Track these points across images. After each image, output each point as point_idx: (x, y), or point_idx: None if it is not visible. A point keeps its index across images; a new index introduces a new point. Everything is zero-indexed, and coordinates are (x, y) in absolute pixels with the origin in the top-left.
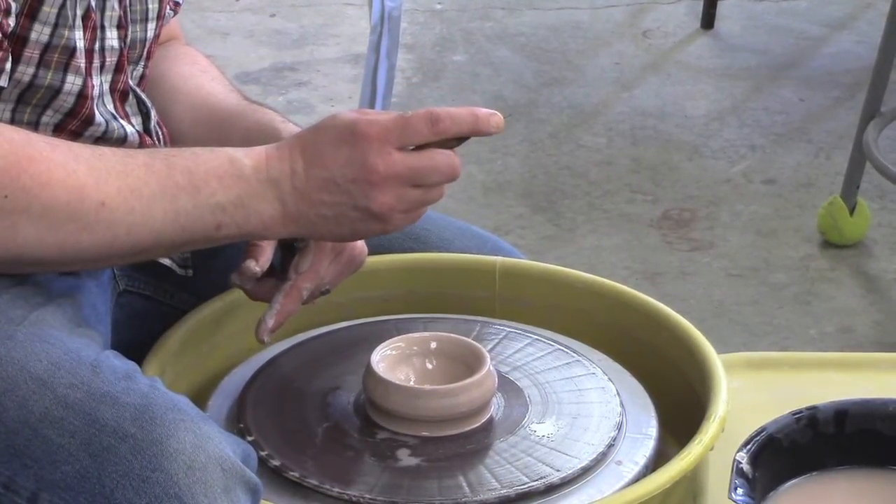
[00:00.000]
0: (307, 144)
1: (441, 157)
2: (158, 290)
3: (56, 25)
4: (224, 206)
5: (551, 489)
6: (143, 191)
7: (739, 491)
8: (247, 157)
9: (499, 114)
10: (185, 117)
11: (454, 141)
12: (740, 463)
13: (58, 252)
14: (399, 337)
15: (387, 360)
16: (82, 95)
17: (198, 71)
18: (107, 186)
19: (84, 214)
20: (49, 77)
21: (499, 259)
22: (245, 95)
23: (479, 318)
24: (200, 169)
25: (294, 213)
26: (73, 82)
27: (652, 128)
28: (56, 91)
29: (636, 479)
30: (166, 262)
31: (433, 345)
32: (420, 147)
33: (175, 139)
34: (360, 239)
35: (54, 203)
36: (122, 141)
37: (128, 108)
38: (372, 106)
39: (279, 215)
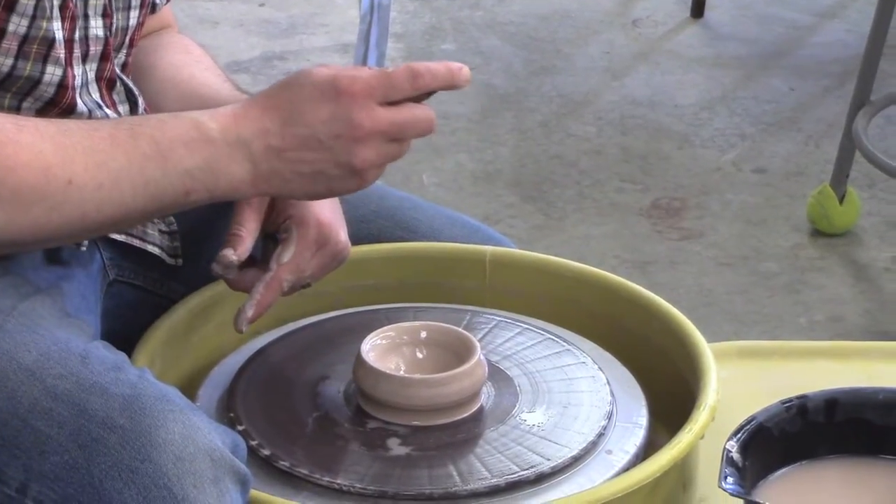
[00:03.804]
0: (281, 102)
1: (419, 111)
2: (148, 280)
3: (34, 17)
4: (192, 171)
5: (541, 478)
6: (109, 164)
7: (729, 480)
8: (213, 121)
9: (466, 67)
10: (175, 106)
11: (424, 95)
12: (730, 452)
13: (30, 232)
14: (389, 326)
15: (377, 349)
16: (62, 85)
17: (192, 60)
18: (73, 164)
19: (52, 194)
20: (28, 68)
21: (489, 248)
22: (238, 85)
23: (469, 308)
24: (166, 137)
25: (266, 172)
26: (52, 73)
27: (642, 117)
28: (36, 81)
29: (626, 469)
30: (156, 251)
31: (423, 334)
32: (396, 101)
33: None
34: (332, 197)
35: (22, 186)
36: None
37: (115, 97)
38: None
39: (249, 176)
